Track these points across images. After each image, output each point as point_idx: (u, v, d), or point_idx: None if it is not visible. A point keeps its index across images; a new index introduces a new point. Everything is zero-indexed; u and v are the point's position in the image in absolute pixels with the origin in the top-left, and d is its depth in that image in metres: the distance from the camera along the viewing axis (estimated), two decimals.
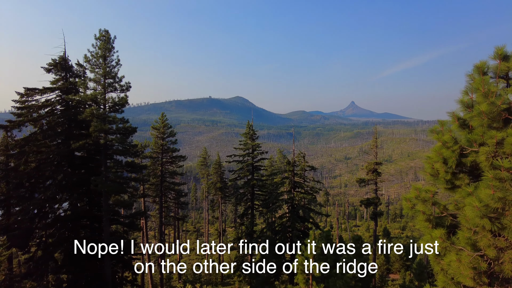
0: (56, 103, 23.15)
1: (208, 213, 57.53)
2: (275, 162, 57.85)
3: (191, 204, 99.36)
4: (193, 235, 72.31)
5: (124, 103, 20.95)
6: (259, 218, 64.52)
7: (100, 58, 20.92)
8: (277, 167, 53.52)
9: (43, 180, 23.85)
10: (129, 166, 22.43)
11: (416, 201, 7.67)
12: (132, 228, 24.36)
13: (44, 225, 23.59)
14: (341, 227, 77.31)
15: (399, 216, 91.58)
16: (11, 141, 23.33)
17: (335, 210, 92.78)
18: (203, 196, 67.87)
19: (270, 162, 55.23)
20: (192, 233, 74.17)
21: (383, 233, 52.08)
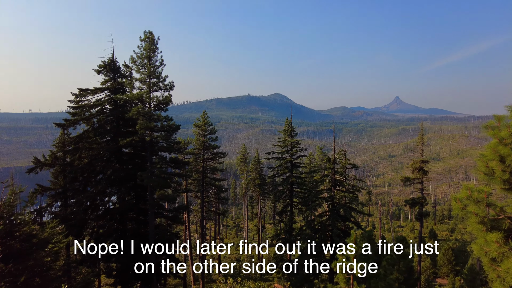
0: (106, 103, 24.64)
1: (247, 209, 58.19)
2: (315, 160, 57.01)
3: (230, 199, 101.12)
4: (233, 230, 73.57)
5: (168, 102, 21.76)
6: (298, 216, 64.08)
7: (145, 58, 21.87)
8: (316, 165, 52.72)
9: (94, 175, 25.54)
10: (173, 162, 23.30)
11: (468, 202, 7.17)
12: (176, 222, 25.31)
13: (96, 217, 25.29)
14: (384, 227, 74.50)
15: (447, 218, 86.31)
16: (67, 138, 25.19)
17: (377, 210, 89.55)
18: (242, 192, 68.76)
19: (310, 160, 54.55)
20: (232, 228, 75.49)
21: (429, 234, 49.41)
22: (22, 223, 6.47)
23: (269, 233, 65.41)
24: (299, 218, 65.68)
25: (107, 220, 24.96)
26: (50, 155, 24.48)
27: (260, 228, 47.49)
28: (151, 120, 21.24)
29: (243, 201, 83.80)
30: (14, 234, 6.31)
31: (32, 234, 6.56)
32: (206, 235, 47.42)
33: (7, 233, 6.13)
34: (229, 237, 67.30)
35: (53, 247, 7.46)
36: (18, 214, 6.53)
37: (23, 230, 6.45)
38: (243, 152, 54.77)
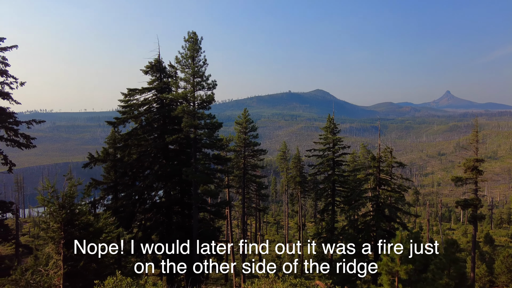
0: (153, 102, 25.88)
1: (288, 206, 58.07)
2: (358, 158, 55.36)
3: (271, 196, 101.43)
4: (273, 227, 73.83)
5: (211, 100, 22.38)
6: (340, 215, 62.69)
7: (189, 58, 22.63)
8: (360, 163, 51.17)
9: (142, 170, 26.99)
10: (215, 159, 23.95)
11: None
12: (218, 216, 25.98)
13: (143, 210, 26.74)
14: (432, 229, 70.49)
15: (506, 222, 79.50)
16: (118, 135, 26.85)
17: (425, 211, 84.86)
18: (283, 189, 68.69)
19: (353, 157, 53.07)
20: (273, 225, 75.78)
21: (484, 239, 45.86)
22: (80, 213, 7.09)
23: (310, 232, 64.76)
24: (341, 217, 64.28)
25: (154, 213, 26.28)
26: (103, 151, 26.26)
27: (300, 226, 47.20)
28: (195, 118, 21.97)
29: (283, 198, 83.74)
30: (74, 223, 6.94)
31: (89, 223, 7.17)
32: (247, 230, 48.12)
33: (68, 222, 6.75)
34: (270, 233, 67.64)
35: (107, 236, 8.08)
36: (77, 205, 7.17)
37: (81, 220, 7.06)
38: (284, 149, 54.65)
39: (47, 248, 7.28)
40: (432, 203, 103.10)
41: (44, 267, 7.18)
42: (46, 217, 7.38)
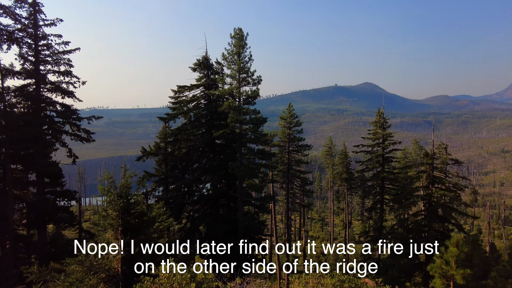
0: (201, 98, 26.74)
1: (333, 203, 56.94)
2: (410, 154, 52.55)
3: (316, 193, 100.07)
4: (318, 223, 72.95)
5: (256, 96, 22.60)
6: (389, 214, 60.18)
7: (235, 55, 22.99)
8: (411, 160, 48.57)
9: (191, 164, 28.10)
10: (260, 153, 24.21)
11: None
12: (262, 210, 26.29)
13: (192, 202, 27.85)
14: (493, 233, 64.99)
15: None
16: (168, 130, 28.19)
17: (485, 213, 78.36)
18: (328, 186, 67.44)
19: (404, 154, 50.50)
20: (317, 222, 74.90)
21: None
22: (136, 203, 7.63)
23: (356, 230, 63.03)
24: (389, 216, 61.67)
25: (201, 205, 27.27)
26: (154, 146, 27.76)
27: (347, 224, 46.11)
28: (240, 114, 22.34)
29: (328, 195, 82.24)
30: (130, 212, 7.48)
31: (143, 213, 7.69)
32: (291, 226, 48.08)
33: (125, 210, 7.31)
34: (314, 230, 66.95)
35: (159, 225, 8.61)
36: (132, 195, 7.71)
37: (137, 209, 7.60)
38: (329, 144, 53.55)
39: (107, 234, 7.95)
40: (493, 205, 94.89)
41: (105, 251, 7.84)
42: (105, 206, 8.06)
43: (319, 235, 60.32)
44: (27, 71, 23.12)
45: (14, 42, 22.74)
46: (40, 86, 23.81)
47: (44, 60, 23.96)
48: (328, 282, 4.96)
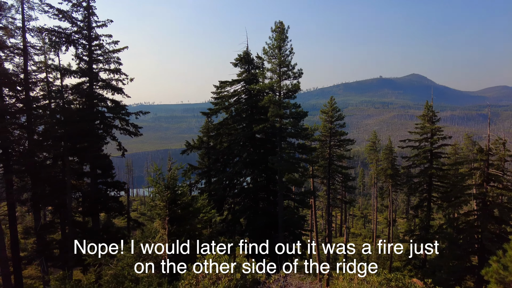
0: (242, 93, 27.07)
1: (377, 200, 55.08)
2: (461, 150, 49.20)
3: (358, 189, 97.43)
4: (360, 220, 71.09)
5: (296, 89, 22.41)
6: (437, 212, 57.05)
7: (275, 48, 22.91)
8: (463, 156, 45.47)
9: (232, 157, 28.65)
10: (300, 148, 24.05)
11: None
12: (303, 205, 26.17)
13: (233, 194, 28.43)
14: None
15: None
16: (211, 125, 28.93)
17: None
18: (371, 182, 65.32)
19: (455, 149, 47.40)
20: (359, 219, 73.01)
21: None
22: (182, 194, 7.99)
23: (400, 228, 60.61)
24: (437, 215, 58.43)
25: (242, 198, 27.77)
26: (198, 140, 28.64)
27: (391, 221, 44.46)
28: (280, 108, 22.31)
29: (371, 191, 79.71)
30: (177, 202, 7.86)
31: (189, 203, 8.04)
32: (332, 222, 47.34)
33: (172, 201, 7.69)
34: (356, 227, 65.37)
35: (203, 216, 8.94)
36: (179, 186, 8.08)
37: (183, 200, 7.96)
38: (373, 139, 51.72)
39: (154, 223, 8.43)
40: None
41: (152, 239, 8.32)
42: (153, 196, 8.55)
43: (361, 232, 58.82)
44: (82, 70, 24.87)
45: (71, 44, 24.55)
46: (93, 84, 25.53)
47: (96, 59, 25.63)
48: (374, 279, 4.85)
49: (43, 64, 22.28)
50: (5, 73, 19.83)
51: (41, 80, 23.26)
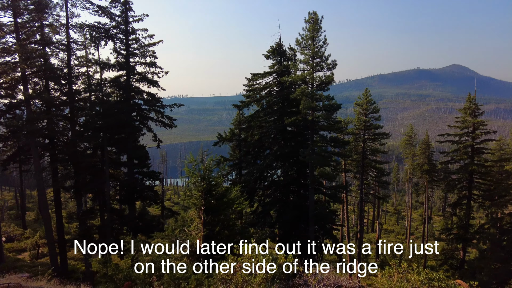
0: (273, 85, 26.96)
1: (411, 196, 53.15)
2: (507, 146, 46.15)
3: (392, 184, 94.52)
4: (393, 217, 69.08)
5: (330, 81, 21.98)
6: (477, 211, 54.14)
7: (309, 39, 22.53)
8: (509, 152, 42.65)
9: (263, 150, 28.76)
10: (332, 141, 23.65)
11: None
12: (334, 200, 25.81)
13: (263, 187, 28.59)
14: None
15: None
16: (242, 117, 29.14)
17: None
18: (406, 178, 63.06)
19: (499, 145, 44.51)
20: (392, 215, 70.98)
21: None
22: (217, 185, 8.15)
23: (436, 226, 58.23)
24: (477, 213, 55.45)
25: (272, 190, 27.87)
26: (229, 132, 28.98)
27: (426, 219, 42.80)
28: (313, 100, 21.99)
29: (406, 187, 76.99)
30: (212, 193, 8.03)
31: (223, 194, 8.20)
32: (364, 217, 46.38)
33: (207, 191, 7.87)
34: (389, 223, 63.61)
35: (237, 207, 9.08)
36: (214, 177, 8.24)
37: (217, 190, 8.12)
38: (409, 133, 49.73)
39: (190, 212, 8.67)
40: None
41: (188, 228, 8.58)
42: (189, 186, 8.78)
43: (394, 229, 57.19)
44: (119, 64, 25.86)
45: (110, 38, 25.57)
46: (130, 77, 26.49)
47: (133, 53, 26.53)
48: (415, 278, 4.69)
49: (84, 59, 23.38)
50: (51, 68, 21.01)
51: (82, 74, 24.48)
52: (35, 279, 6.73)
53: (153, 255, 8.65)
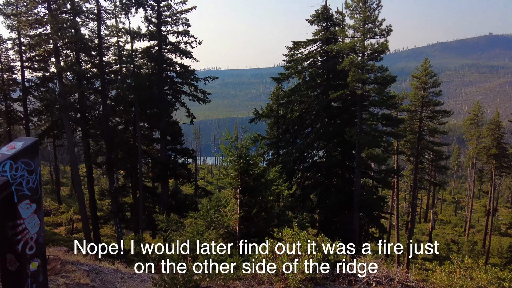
0: (317, 54, 26.26)
1: (474, 184, 50.54)
2: None
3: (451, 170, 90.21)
4: (450, 206, 66.46)
5: (383, 50, 21.04)
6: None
7: (360, 1, 21.50)
8: None
9: (303, 128, 28.50)
10: (384, 119, 22.82)
11: None
12: (384, 185, 25.22)
13: (303, 168, 28.55)
14: None
15: None
16: (281, 92, 28.87)
17: None
18: (468, 162, 59.82)
19: None
20: (450, 204, 68.28)
21: None
22: (254, 164, 8.23)
23: (503, 219, 55.28)
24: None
25: (313, 172, 27.76)
26: (267, 108, 28.92)
27: (490, 210, 40.64)
28: (363, 71, 21.21)
29: (467, 173, 73.25)
30: (249, 172, 8.14)
31: (261, 174, 8.28)
32: (417, 205, 45.03)
33: (244, 171, 7.98)
34: (445, 213, 61.36)
35: (275, 189, 9.15)
36: (251, 156, 8.31)
37: (255, 170, 8.21)
38: (476, 111, 46.64)
39: (226, 192, 8.88)
40: None
41: (223, 208, 8.81)
42: (226, 165, 8.93)
43: (451, 220, 55.18)
44: (151, 33, 26.37)
45: (140, 6, 26.02)
46: (162, 47, 26.98)
47: (165, 21, 26.86)
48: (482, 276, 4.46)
49: (114, 28, 24.08)
50: (82, 39, 21.92)
51: (113, 45, 25.35)
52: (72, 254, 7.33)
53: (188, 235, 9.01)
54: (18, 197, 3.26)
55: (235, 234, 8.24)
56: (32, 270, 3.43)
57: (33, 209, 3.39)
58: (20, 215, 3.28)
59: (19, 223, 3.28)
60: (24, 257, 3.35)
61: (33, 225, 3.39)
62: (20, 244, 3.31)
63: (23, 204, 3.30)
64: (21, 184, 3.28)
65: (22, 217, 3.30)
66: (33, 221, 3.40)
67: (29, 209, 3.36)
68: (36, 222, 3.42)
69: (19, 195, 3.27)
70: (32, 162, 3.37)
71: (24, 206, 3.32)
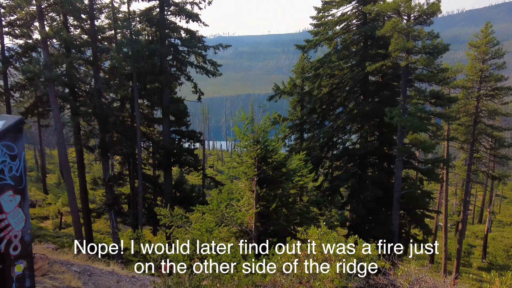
0: (352, 17, 25.73)
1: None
2: None
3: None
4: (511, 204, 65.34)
5: (434, 12, 20.52)
6: None
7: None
8: None
9: (333, 107, 28.20)
10: (434, 97, 22.33)
11: None
12: (430, 178, 24.88)
13: (332, 156, 28.37)
14: None
15: None
16: (307, 63, 28.56)
17: None
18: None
19: None
20: (511, 202, 67.12)
21: None
22: (274, 150, 8.22)
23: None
24: None
25: (344, 161, 27.58)
26: (289, 82, 28.71)
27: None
28: (409, 38, 20.74)
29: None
30: (267, 160, 8.13)
31: (282, 163, 8.27)
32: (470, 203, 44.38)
33: (262, 159, 7.98)
34: (505, 213, 60.38)
35: (299, 181, 9.13)
36: (270, 141, 8.29)
37: (275, 158, 8.20)
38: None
39: (240, 184, 8.92)
40: None
41: (236, 202, 8.89)
42: (239, 151, 8.95)
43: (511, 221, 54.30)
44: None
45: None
46: (164, 9, 26.91)
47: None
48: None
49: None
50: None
51: (106, 6, 25.40)
52: (61, 252, 7.56)
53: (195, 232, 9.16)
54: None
55: (250, 233, 8.31)
56: (17, 273, 3.35)
57: (17, 201, 3.30)
58: (2, 208, 3.18)
59: (1, 218, 3.18)
60: (8, 258, 3.26)
61: (17, 220, 3.30)
62: (3, 243, 3.21)
63: (5, 195, 3.20)
64: (3, 171, 3.17)
65: (5, 211, 3.20)
66: (17, 216, 3.31)
67: (12, 202, 3.27)
68: (21, 217, 3.34)
69: (0, 184, 3.17)
70: (15, 145, 3.27)
71: (7, 198, 3.22)
